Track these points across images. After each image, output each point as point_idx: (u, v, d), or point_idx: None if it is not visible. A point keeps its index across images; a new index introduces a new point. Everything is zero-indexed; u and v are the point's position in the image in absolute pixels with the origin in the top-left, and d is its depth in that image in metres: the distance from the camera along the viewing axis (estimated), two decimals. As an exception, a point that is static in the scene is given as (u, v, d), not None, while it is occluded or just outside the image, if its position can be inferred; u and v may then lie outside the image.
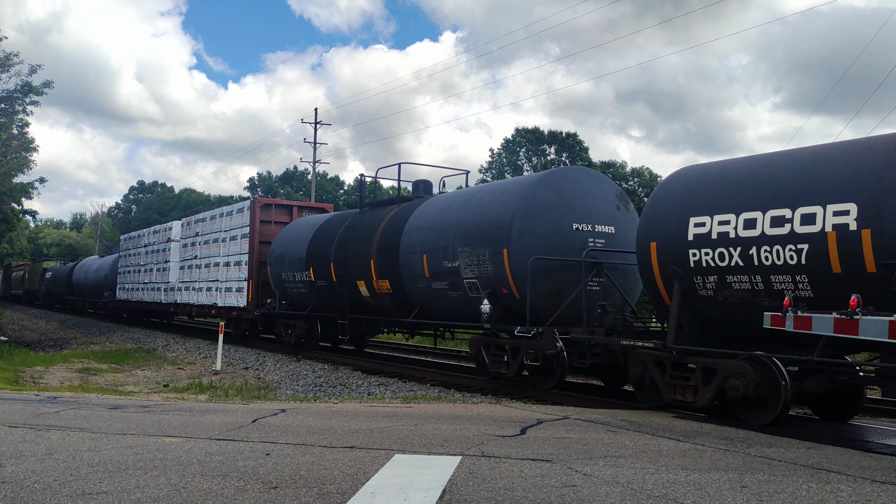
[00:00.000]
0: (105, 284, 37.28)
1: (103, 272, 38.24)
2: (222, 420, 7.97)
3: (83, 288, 42.63)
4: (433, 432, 7.29)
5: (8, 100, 25.22)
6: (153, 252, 29.03)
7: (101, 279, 38.29)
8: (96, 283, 39.45)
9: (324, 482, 5.07)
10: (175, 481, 5.02)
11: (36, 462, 5.57)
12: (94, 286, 39.83)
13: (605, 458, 6.11)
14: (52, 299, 54.86)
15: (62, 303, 52.21)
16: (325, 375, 15.17)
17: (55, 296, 52.86)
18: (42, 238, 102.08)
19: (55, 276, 51.72)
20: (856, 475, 5.67)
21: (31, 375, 15.48)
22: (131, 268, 32.11)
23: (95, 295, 39.83)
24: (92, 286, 40.46)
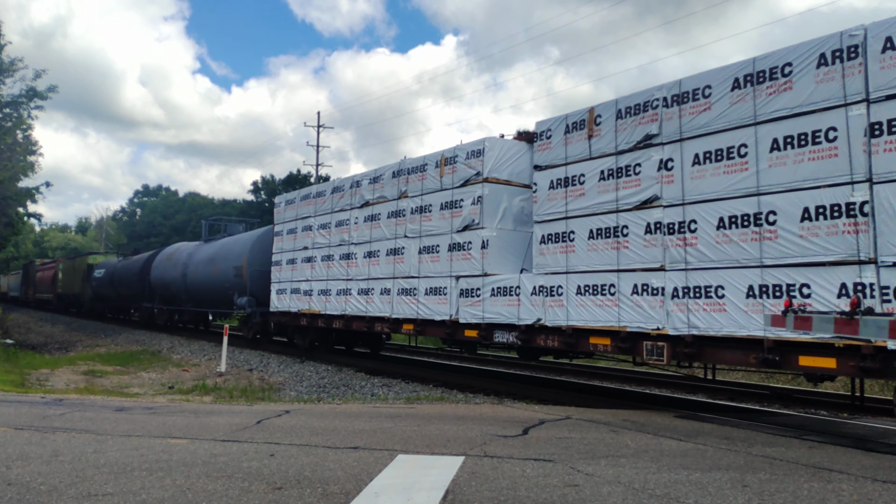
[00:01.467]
0: (227, 286, 23.13)
1: (223, 265, 23.64)
2: (227, 421, 8.01)
3: (174, 291, 28.34)
4: (436, 433, 7.32)
5: (13, 104, 25.34)
6: (360, 224, 16.38)
7: (219, 277, 23.75)
8: (206, 285, 25.11)
9: (328, 483, 5.11)
10: (180, 482, 5.07)
11: (42, 464, 5.62)
12: (203, 289, 25.51)
13: (607, 457, 6.14)
14: (104, 307, 41.83)
15: (125, 312, 39.49)
16: (328, 377, 15.22)
17: (112, 302, 39.53)
18: (47, 241, 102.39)
19: (114, 275, 36.63)
20: (857, 474, 5.69)
21: (37, 378, 15.55)
22: (299, 254, 19.02)
23: (206, 302, 25.72)
24: (197, 289, 26.01)
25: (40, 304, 58.28)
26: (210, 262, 24.96)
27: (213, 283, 24.43)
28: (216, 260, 24.43)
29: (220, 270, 23.72)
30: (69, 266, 49.15)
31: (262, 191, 78.73)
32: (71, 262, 49.73)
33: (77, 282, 45.06)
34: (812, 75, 8.07)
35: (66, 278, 48.45)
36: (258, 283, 21.41)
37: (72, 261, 50.09)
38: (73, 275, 46.60)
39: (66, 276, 48.70)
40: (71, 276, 47.38)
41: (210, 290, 24.93)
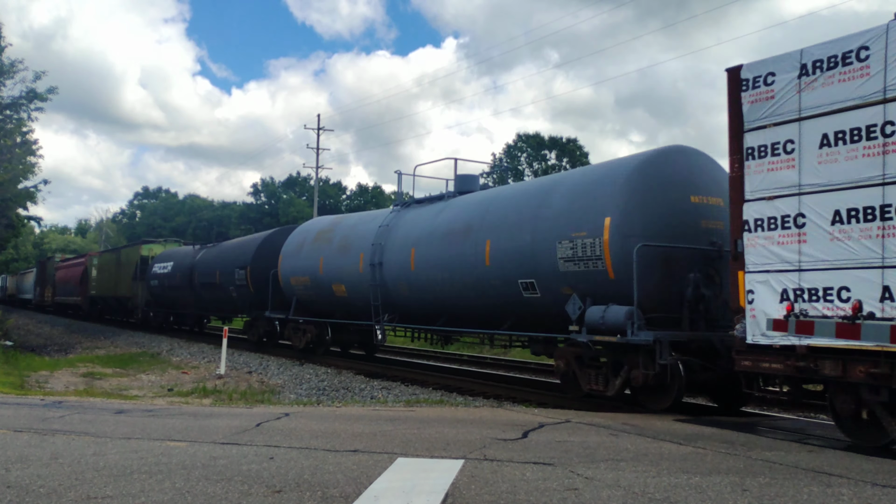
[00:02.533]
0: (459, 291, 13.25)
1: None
2: (226, 424, 8.01)
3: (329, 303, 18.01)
4: (436, 436, 7.32)
5: (13, 106, 25.35)
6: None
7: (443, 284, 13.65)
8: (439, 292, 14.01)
9: (327, 486, 5.11)
10: (179, 485, 5.06)
11: (41, 466, 5.62)
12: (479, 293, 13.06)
13: (607, 461, 6.14)
14: (169, 315, 30.67)
15: (192, 322, 29.24)
16: (328, 379, 15.21)
17: (184, 308, 28.16)
18: (47, 244, 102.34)
19: (193, 271, 25.46)
20: (857, 479, 5.68)
21: (37, 380, 15.55)
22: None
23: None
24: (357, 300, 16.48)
25: (61, 310, 48.73)
26: (465, 232, 13.06)
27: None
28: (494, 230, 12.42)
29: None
30: (109, 260, 37.24)
31: (261, 193, 78.85)
32: (112, 256, 37.74)
33: (123, 281, 33.67)
34: None
35: (105, 277, 36.92)
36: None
37: (113, 253, 38.48)
38: (117, 272, 34.90)
39: (104, 274, 37.07)
40: (112, 274, 35.63)
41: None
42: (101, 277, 38.16)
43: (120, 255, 36.56)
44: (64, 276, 47.16)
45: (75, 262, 46.62)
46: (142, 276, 31.15)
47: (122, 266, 34.67)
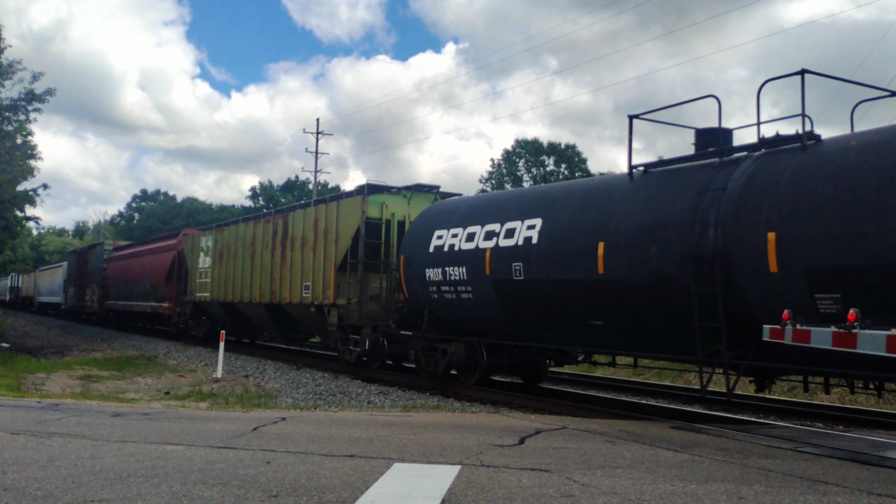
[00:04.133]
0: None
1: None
2: (223, 428, 8.00)
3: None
4: (432, 441, 7.32)
5: (12, 108, 25.33)
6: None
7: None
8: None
9: (324, 491, 5.11)
10: (176, 489, 5.06)
11: (38, 469, 5.61)
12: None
13: (603, 468, 6.14)
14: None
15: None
16: (324, 384, 15.21)
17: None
18: (45, 245, 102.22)
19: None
20: (853, 487, 5.69)
21: (33, 382, 15.52)
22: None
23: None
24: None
25: (117, 319, 35.44)
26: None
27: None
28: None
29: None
30: (251, 235, 21.00)
31: (260, 196, 78.87)
32: (260, 226, 20.59)
33: (314, 276, 17.42)
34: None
35: (238, 266, 21.55)
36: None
37: (263, 221, 20.64)
38: (283, 254, 18.98)
39: (238, 261, 21.34)
40: (264, 261, 19.90)
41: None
42: (228, 268, 21.96)
43: (293, 218, 18.72)
44: (127, 269, 32.56)
45: (152, 246, 30.74)
46: (384, 259, 16.03)
47: (306, 242, 17.82)
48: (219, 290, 23.43)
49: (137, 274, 31.68)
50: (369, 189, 16.43)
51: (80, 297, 40.84)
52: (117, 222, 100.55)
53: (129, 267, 33.36)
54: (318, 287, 17.16)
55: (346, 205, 16.72)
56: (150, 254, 30.92)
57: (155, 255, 30.06)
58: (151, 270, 29.86)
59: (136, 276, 31.90)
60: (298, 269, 18.31)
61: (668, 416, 10.94)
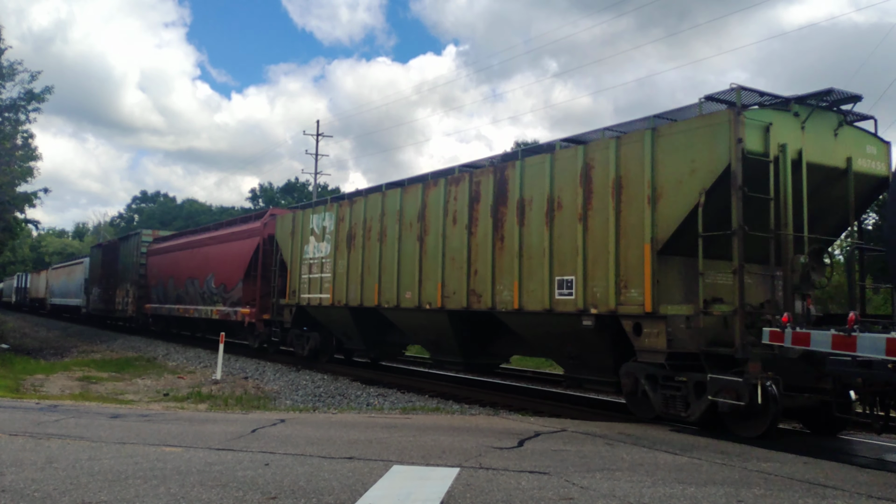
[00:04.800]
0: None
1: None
2: (222, 430, 8.00)
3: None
4: (431, 443, 7.32)
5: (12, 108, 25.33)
6: None
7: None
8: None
9: (322, 493, 5.10)
10: (175, 491, 5.06)
11: (36, 471, 5.61)
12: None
13: (602, 470, 6.14)
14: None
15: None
16: (324, 386, 15.19)
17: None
18: (44, 247, 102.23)
19: None
20: (852, 490, 5.69)
21: (32, 383, 15.50)
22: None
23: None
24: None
25: (162, 327, 29.44)
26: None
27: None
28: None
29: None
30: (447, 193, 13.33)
31: (259, 198, 78.87)
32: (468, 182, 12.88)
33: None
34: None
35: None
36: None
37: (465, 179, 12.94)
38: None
39: (368, 256, 15.39)
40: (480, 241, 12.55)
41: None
42: (367, 258, 15.52)
43: (519, 171, 11.84)
44: (177, 264, 26.48)
45: (221, 233, 23.76)
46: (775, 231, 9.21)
47: (561, 207, 11.12)
48: (348, 289, 15.96)
49: (195, 270, 24.73)
50: (744, 99, 9.17)
51: (108, 298, 33.91)
52: (117, 223, 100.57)
53: (180, 261, 26.32)
54: (603, 283, 10.15)
55: (684, 132, 9.43)
56: (215, 243, 23.76)
57: (225, 245, 22.86)
58: (220, 265, 22.89)
59: (193, 273, 24.92)
60: (542, 254, 11.17)
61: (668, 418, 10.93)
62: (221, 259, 22.92)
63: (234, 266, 21.85)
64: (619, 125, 10.90)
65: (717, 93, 9.26)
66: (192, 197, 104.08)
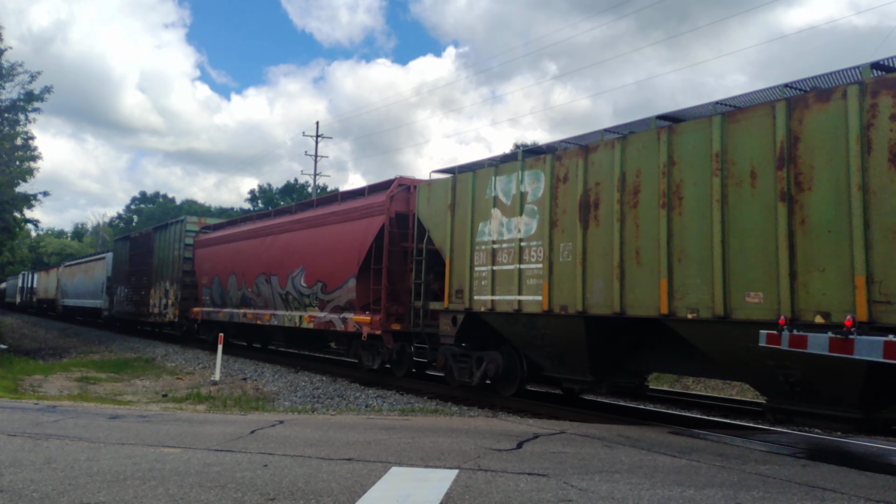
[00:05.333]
0: None
1: None
2: (220, 431, 7.99)
3: None
4: (430, 445, 7.31)
5: (12, 109, 25.34)
6: None
7: None
8: None
9: (321, 494, 5.10)
10: (173, 492, 5.05)
11: (34, 471, 5.60)
12: None
13: (601, 473, 6.14)
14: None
15: None
16: (322, 387, 15.18)
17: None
18: (43, 247, 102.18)
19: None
20: (850, 493, 5.69)
21: (31, 384, 15.49)
22: None
23: None
24: None
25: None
26: None
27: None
28: None
29: None
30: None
31: (259, 199, 78.86)
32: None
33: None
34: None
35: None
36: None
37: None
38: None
39: (645, 236, 9.41)
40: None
41: None
42: (643, 238, 9.55)
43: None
44: (242, 258, 20.67)
45: (314, 214, 17.88)
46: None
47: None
48: (586, 288, 10.32)
49: (271, 264, 19.06)
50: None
51: (139, 300, 29.03)
52: (116, 224, 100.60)
53: (246, 254, 20.63)
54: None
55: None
56: (306, 227, 17.81)
57: (325, 230, 16.82)
58: (316, 257, 16.92)
59: (268, 268, 19.26)
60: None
61: (667, 421, 10.94)
62: (319, 249, 16.92)
63: (342, 257, 15.85)
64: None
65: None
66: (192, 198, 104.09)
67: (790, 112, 8.02)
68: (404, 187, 15.13)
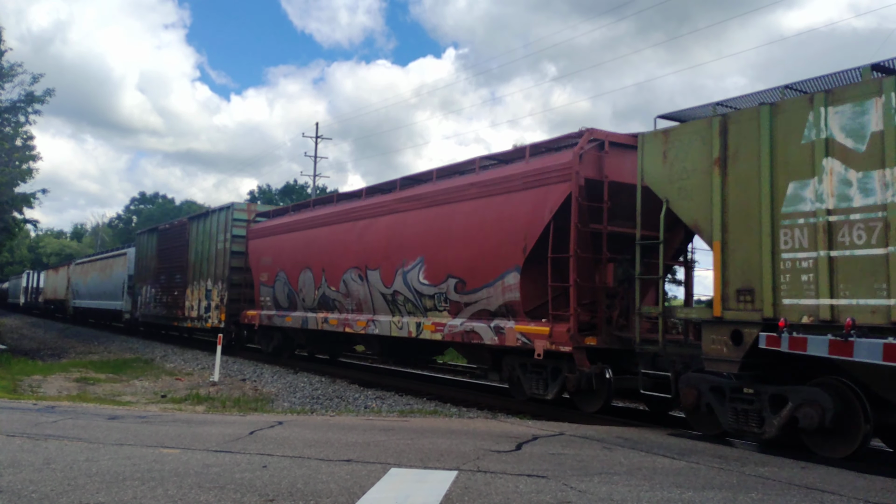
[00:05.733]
0: None
1: None
2: (220, 432, 7.99)
3: None
4: (429, 446, 7.31)
5: (12, 110, 25.34)
6: None
7: None
8: None
9: (320, 495, 5.10)
10: (172, 493, 5.05)
11: (33, 472, 5.60)
12: None
13: (600, 474, 6.14)
14: None
15: None
16: (322, 388, 15.18)
17: None
18: (42, 247, 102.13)
19: None
20: (849, 495, 5.70)
21: (30, 384, 15.48)
22: None
23: None
24: None
25: (281, 347, 20.13)
26: None
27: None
28: None
29: None
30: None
31: (258, 200, 78.94)
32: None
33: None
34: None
35: None
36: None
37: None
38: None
39: None
40: None
41: None
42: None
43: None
44: (312, 247, 17.43)
45: (441, 188, 13.40)
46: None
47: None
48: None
49: (364, 255, 15.23)
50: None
51: (171, 302, 25.53)
52: (115, 225, 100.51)
53: (323, 243, 16.90)
54: None
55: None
56: (424, 205, 13.74)
57: (461, 207, 12.77)
58: (444, 244, 13.05)
59: (358, 260, 15.40)
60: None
61: (666, 422, 10.94)
62: (450, 234, 12.85)
63: (492, 244, 11.87)
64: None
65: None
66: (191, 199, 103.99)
67: None
68: (596, 143, 10.95)
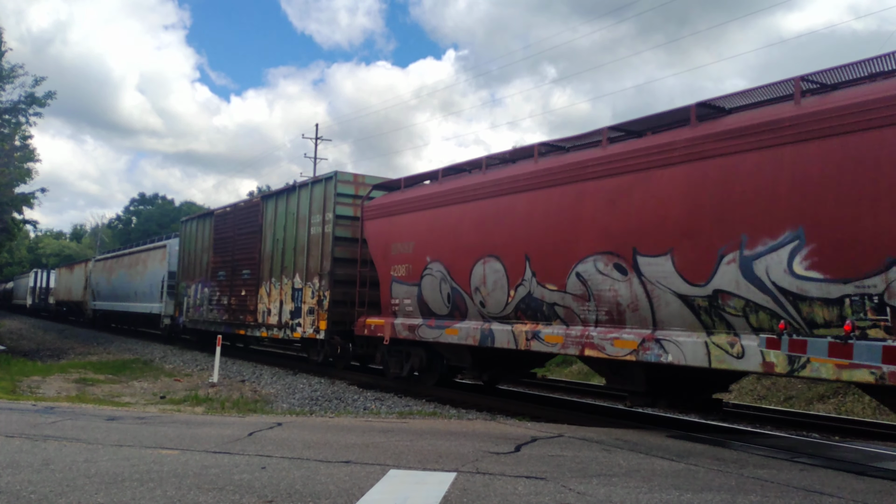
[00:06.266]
0: None
1: None
2: (218, 433, 7.99)
3: None
4: (428, 448, 7.31)
5: (12, 111, 25.35)
6: None
7: None
8: None
9: (319, 497, 5.10)
10: (171, 494, 5.05)
11: (32, 473, 5.60)
12: None
13: (599, 476, 6.14)
14: None
15: None
16: (321, 389, 15.17)
17: None
18: (42, 248, 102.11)
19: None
20: (849, 498, 5.70)
21: (29, 385, 15.47)
22: None
23: None
24: None
25: (427, 366, 13.87)
26: None
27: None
28: None
29: None
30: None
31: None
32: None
33: None
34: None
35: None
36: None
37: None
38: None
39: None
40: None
41: None
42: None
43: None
44: (552, 222, 10.08)
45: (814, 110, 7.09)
46: None
47: None
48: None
49: (643, 232, 8.93)
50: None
51: (236, 305, 20.67)
52: (115, 225, 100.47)
53: (532, 214, 10.69)
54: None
55: None
56: (794, 139, 7.39)
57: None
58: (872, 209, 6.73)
59: (629, 240, 9.11)
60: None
61: (665, 424, 10.95)
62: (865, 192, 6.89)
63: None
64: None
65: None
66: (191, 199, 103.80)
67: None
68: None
